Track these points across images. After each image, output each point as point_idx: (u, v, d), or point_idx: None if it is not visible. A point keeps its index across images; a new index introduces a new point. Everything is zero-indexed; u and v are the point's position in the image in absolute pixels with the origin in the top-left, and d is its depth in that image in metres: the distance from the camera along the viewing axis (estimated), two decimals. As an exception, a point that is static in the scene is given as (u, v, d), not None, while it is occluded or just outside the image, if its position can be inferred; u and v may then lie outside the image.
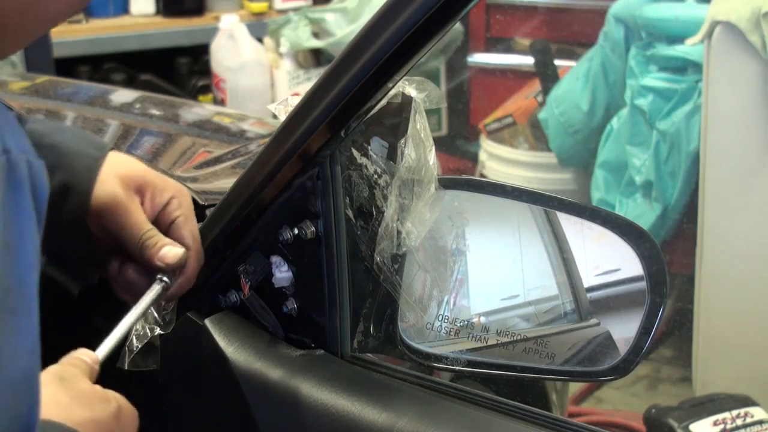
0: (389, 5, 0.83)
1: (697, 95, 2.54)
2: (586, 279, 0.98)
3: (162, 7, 4.15)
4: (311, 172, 0.98)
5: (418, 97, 0.95)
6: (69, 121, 1.76)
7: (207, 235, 1.07)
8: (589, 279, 0.98)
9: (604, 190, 2.86)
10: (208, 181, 1.41)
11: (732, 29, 2.19)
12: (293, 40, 3.83)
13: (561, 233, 0.99)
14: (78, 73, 4.03)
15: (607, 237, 0.94)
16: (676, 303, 2.54)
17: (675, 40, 2.63)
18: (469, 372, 1.00)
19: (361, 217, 0.99)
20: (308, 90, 0.92)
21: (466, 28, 3.59)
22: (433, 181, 0.95)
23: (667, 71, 2.66)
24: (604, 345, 0.96)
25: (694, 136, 2.54)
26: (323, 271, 1.01)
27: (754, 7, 2.14)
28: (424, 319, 0.99)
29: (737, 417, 1.96)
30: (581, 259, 0.99)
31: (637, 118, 2.72)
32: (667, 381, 2.75)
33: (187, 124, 1.86)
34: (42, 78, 2.18)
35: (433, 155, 0.96)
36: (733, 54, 2.21)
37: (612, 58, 2.89)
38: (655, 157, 2.64)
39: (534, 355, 0.97)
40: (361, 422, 0.92)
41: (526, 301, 0.99)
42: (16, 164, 0.51)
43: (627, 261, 0.94)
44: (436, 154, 0.97)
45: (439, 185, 0.96)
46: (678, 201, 2.63)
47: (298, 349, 1.04)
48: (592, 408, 2.59)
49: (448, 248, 0.98)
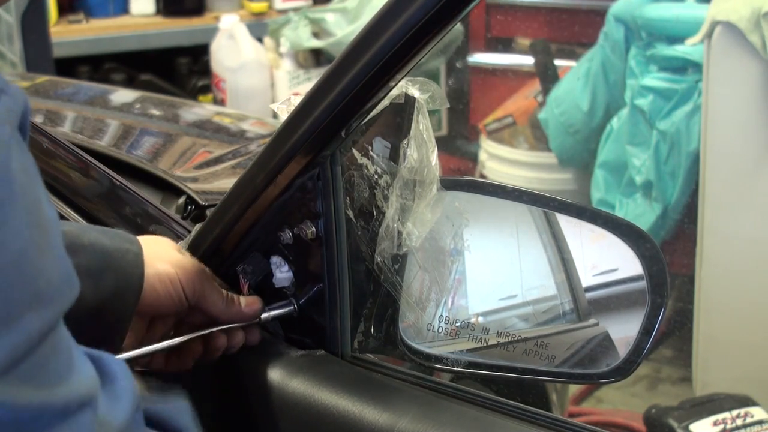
0: (390, 5, 0.83)
1: (697, 95, 2.54)
2: (584, 279, 0.98)
3: (162, 7, 4.15)
4: (312, 173, 0.98)
5: (421, 98, 0.95)
6: (69, 121, 1.76)
7: (207, 235, 1.07)
8: (587, 279, 0.98)
9: (604, 190, 2.86)
10: (208, 181, 1.41)
11: (732, 29, 2.19)
12: (293, 40, 3.83)
13: (560, 233, 0.99)
14: (78, 73, 4.03)
15: (605, 237, 0.94)
16: (676, 303, 2.53)
17: (675, 40, 2.63)
18: (469, 373, 1.00)
19: (362, 217, 0.99)
20: (309, 90, 0.92)
21: (466, 28, 3.59)
22: (435, 182, 0.95)
23: (667, 71, 2.66)
24: (603, 345, 0.96)
25: (694, 136, 2.54)
26: (323, 272, 1.01)
27: (754, 7, 2.14)
28: (424, 319, 0.99)
29: (737, 417, 1.96)
30: (579, 259, 0.99)
31: (637, 118, 2.72)
32: (667, 381, 2.75)
33: (187, 124, 1.86)
34: (42, 78, 2.18)
35: (435, 156, 0.96)
36: (733, 54, 2.21)
37: (612, 58, 2.89)
38: (655, 157, 2.64)
39: (534, 357, 0.97)
40: (361, 423, 0.92)
41: (525, 301, 0.99)
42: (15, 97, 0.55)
43: (626, 261, 0.94)
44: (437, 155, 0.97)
45: (441, 186, 0.96)
46: (678, 201, 2.63)
47: (298, 350, 1.04)
48: (592, 408, 2.59)
49: (447, 248, 0.98)
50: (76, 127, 1.75)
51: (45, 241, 0.53)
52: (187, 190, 1.28)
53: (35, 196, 0.53)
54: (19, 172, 0.52)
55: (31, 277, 0.52)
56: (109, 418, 0.57)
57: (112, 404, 0.58)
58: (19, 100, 0.55)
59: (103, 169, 1.28)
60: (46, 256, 0.53)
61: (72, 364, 0.55)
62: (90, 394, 0.55)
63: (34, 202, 0.53)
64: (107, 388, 0.59)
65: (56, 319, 0.53)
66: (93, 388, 0.56)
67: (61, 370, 0.54)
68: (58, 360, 0.54)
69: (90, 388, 0.56)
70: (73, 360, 0.56)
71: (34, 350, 0.51)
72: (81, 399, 0.54)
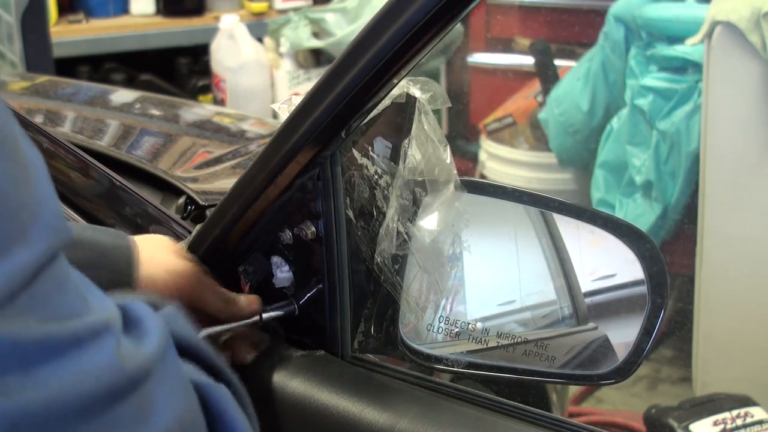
0: (390, 6, 0.83)
1: (697, 95, 2.55)
2: (582, 284, 0.98)
3: (162, 7, 4.15)
4: (312, 173, 0.98)
5: (422, 98, 0.95)
6: (69, 121, 1.76)
7: (207, 235, 1.07)
8: (586, 284, 0.99)
9: (604, 190, 2.86)
10: (208, 181, 1.41)
11: (732, 29, 2.19)
12: (293, 40, 3.83)
13: (559, 237, 0.99)
14: (78, 73, 4.03)
15: (604, 242, 0.94)
16: (676, 303, 2.54)
17: (675, 40, 2.63)
18: (469, 374, 1.00)
19: (362, 217, 0.99)
20: (309, 90, 0.92)
21: (466, 28, 3.59)
22: (452, 180, 0.95)
23: (667, 71, 2.66)
24: (603, 348, 0.96)
25: (694, 136, 2.54)
26: (324, 272, 1.01)
27: (754, 7, 2.14)
28: (424, 319, 0.99)
29: (737, 417, 1.96)
30: (578, 264, 0.99)
31: (637, 118, 2.72)
32: (667, 381, 2.75)
33: (187, 124, 1.86)
34: (42, 78, 2.18)
35: (449, 154, 0.96)
36: (733, 54, 2.21)
37: (612, 58, 2.89)
38: (655, 157, 2.64)
39: (534, 358, 0.97)
40: (361, 423, 0.92)
41: (523, 306, 0.99)
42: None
43: (625, 265, 0.94)
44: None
45: (460, 185, 0.96)
46: (678, 201, 2.63)
47: (298, 350, 1.04)
48: (592, 408, 2.59)
49: (446, 251, 0.98)
50: (76, 127, 1.75)
51: (23, 175, 0.52)
52: (187, 190, 1.28)
53: (9, 132, 0.52)
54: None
55: (11, 211, 0.51)
56: (132, 351, 0.55)
57: (136, 341, 0.57)
58: None
59: (103, 169, 1.28)
60: (26, 190, 0.52)
61: (86, 303, 0.54)
62: (107, 324, 0.54)
63: (7, 138, 0.52)
64: (131, 329, 0.58)
65: (50, 253, 0.52)
66: (111, 319, 0.55)
67: (69, 305, 0.53)
68: (63, 296, 0.53)
69: (106, 319, 0.55)
70: (86, 299, 0.55)
71: (29, 284, 0.50)
72: (94, 329, 0.53)
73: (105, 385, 0.52)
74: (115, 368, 0.53)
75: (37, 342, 0.50)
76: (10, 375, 0.48)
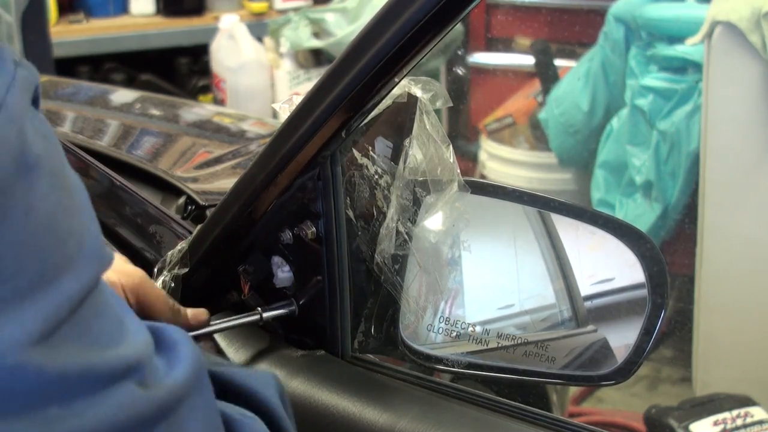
0: (390, 5, 0.83)
1: (697, 95, 2.54)
2: (581, 288, 0.98)
3: (162, 7, 4.15)
4: (312, 173, 0.98)
5: (424, 98, 0.95)
6: (69, 121, 1.76)
7: (207, 235, 1.07)
8: (585, 288, 0.98)
9: (604, 190, 2.86)
10: (208, 181, 1.41)
11: (732, 29, 2.19)
12: (293, 40, 3.83)
13: (558, 240, 0.99)
14: (78, 73, 4.03)
15: (603, 245, 0.94)
16: (676, 303, 2.53)
17: (675, 40, 2.63)
18: (470, 374, 1.00)
19: (362, 217, 0.99)
20: (309, 90, 0.92)
21: (466, 28, 3.59)
22: (455, 180, 0.95)
23: (667, 71, 2.66)
24: (602, 350, 0.96)
25: (694, 136, 2.54)
26: (324, 272, 1.01)
27: (754, 7, 2.14)
28: (424, 319, 0.99)
29: (737, 417, 1.96)
30: (577, 267, 0.99)
31: (637, 118, 2.72)
32: (667, 381, 2.75)
33: (187, 125, 1.86)
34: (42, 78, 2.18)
35: (451, 153, 0.95)
36: (733, 54, 2.21)
37: (612, 58, 2.89)
38: (655, 157, 2.64)
39: (535, 359, 0.97)
40: (361, 423, 0.92)
41: (522, 310, 0.99)
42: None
43: (624, 268, 0.94)
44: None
45: (464, 186, 0.95)
46: (678, 201, 2.63)
47: (298, 350, 1.04)
48: (593, 408, 2.59)
49: (446, 251, 0.98)
50: (76, 127, 1.75)
51: (72, 204, 0.54)
52: (187, 190, 1.28)
53: (59, 161, 0.54)
54: (40, 137, 0.53)
55: (62, 240, 0.52)
56: (161, 379, 0.56)
57: (169, 367, 0.57)
58: (33, 72, 0.56)
59: (103, 169, 1.28)
60: (75, 218, 0.54)
61: (123, 330, 0.55)
62: (138, 360, 0.55)
63: (58, 167, 0.53)
64: (165, 353, 0.58)
65: (93, 281, 0.54)
66: (143, 353, 0.56)
67: (107, 332, 0.54)
68: (103, 323, 0.54)
69: (140, 353, 0.55)
70: (124, 326, 0.55)
71: (75, 312, 0.51)
72: (128, 365, 0.54)
73: (135, 416, 0.53)
74: (147, 400, 0.54)
75: (79, 374, 0.51)
76: (52, 406, 0.49)
